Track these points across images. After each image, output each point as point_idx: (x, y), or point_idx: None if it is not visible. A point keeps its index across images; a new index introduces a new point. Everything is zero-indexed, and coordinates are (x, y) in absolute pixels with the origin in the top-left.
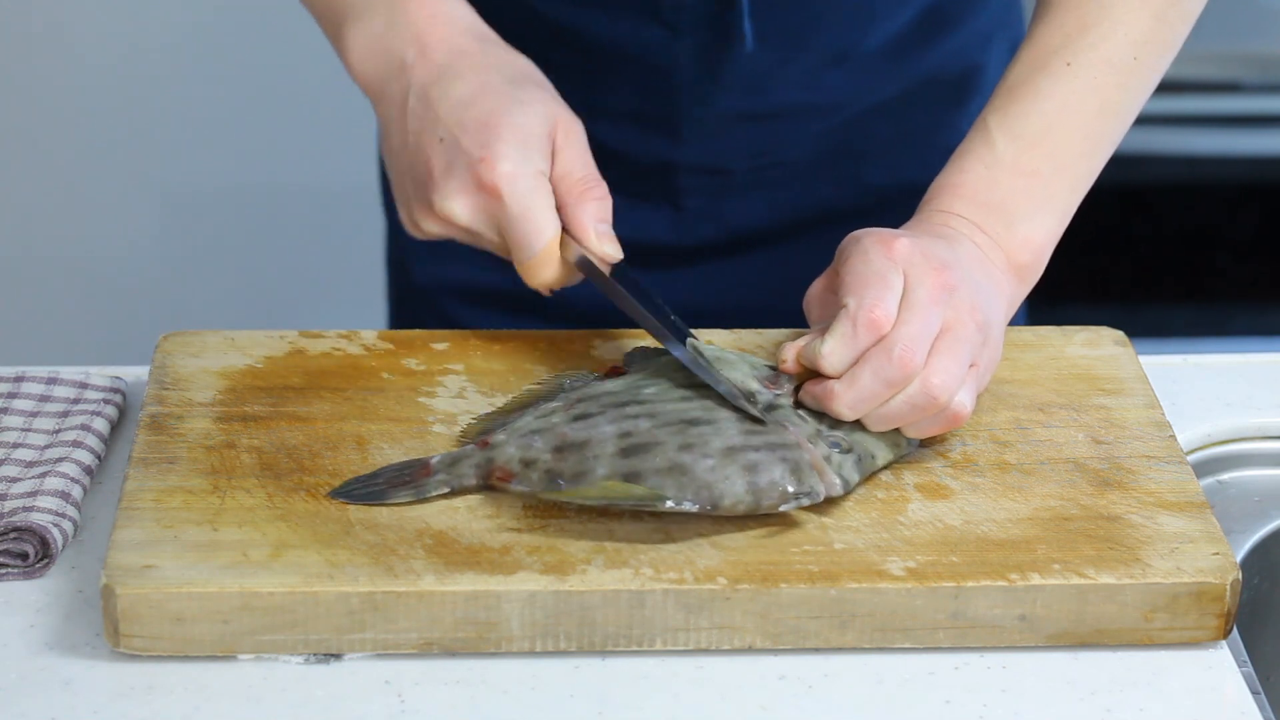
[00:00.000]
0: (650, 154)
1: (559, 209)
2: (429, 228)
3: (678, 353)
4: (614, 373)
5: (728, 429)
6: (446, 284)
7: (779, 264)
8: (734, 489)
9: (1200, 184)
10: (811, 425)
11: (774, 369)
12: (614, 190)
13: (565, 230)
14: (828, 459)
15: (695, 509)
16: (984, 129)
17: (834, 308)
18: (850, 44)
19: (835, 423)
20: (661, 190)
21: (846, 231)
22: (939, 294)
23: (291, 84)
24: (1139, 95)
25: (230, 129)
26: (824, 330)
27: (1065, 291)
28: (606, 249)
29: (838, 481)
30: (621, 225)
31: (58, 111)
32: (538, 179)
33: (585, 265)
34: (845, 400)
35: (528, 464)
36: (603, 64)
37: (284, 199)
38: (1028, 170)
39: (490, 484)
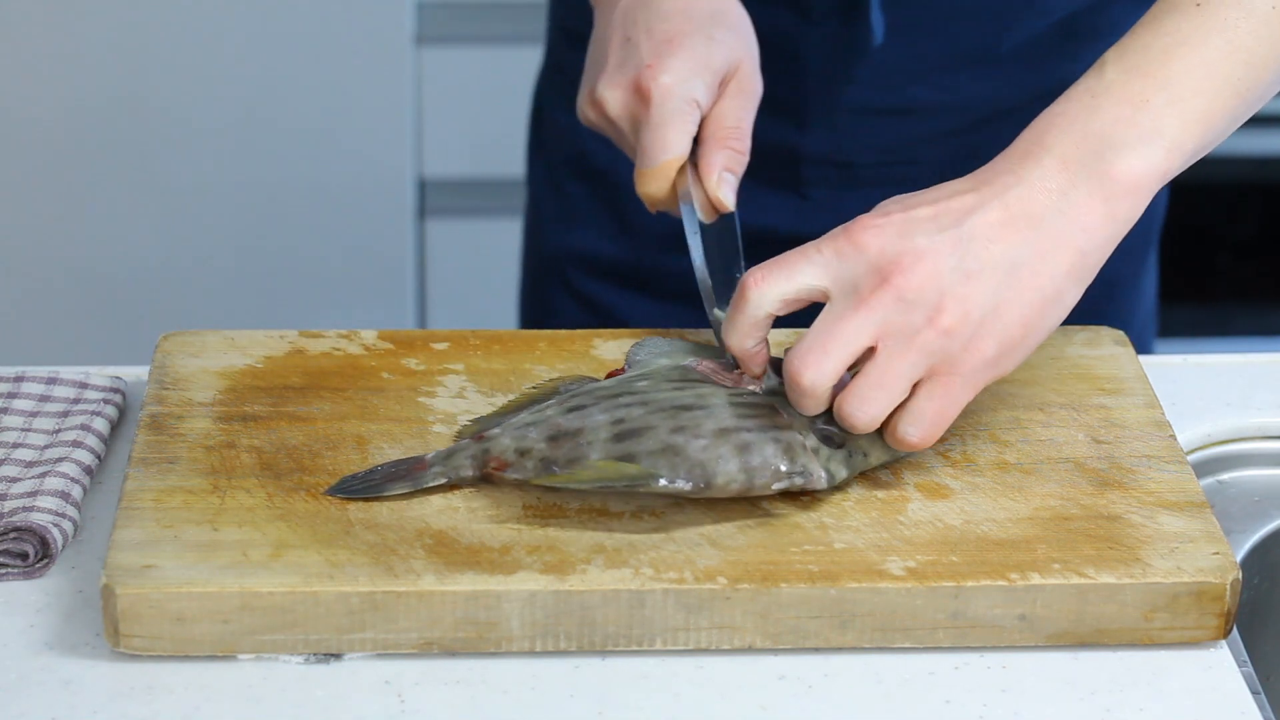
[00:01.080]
0: (777, 140)
1: (698, 146)
2: (585, 110)
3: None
4: (614, 375)
5: (720, 413)
6: (572, 252)
7: None
8: (727, 468)
9: (1200, 184)
10: (806, 416)
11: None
12: (744, 174)
13: (695, 166)
14: (816, 451)
15: (688, 487)
16: (1099, 63)
17: None
18: (985, 45)
19: (831, 416)
20: (787, 178)
21: None
22: (873, 300)
23: (294, 83)
24: (1276, 49)
25: (232, 128)
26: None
27: None
28: (722, 193)
29: (823, 474)
30: (746, 210)
31: (57, 111)
32: (688, 104)
33: (686, 204)
34: (790, 395)
35: (523, 453)
36: None
37: (284, 198)
38: (1136, 99)
39: (486, 474)
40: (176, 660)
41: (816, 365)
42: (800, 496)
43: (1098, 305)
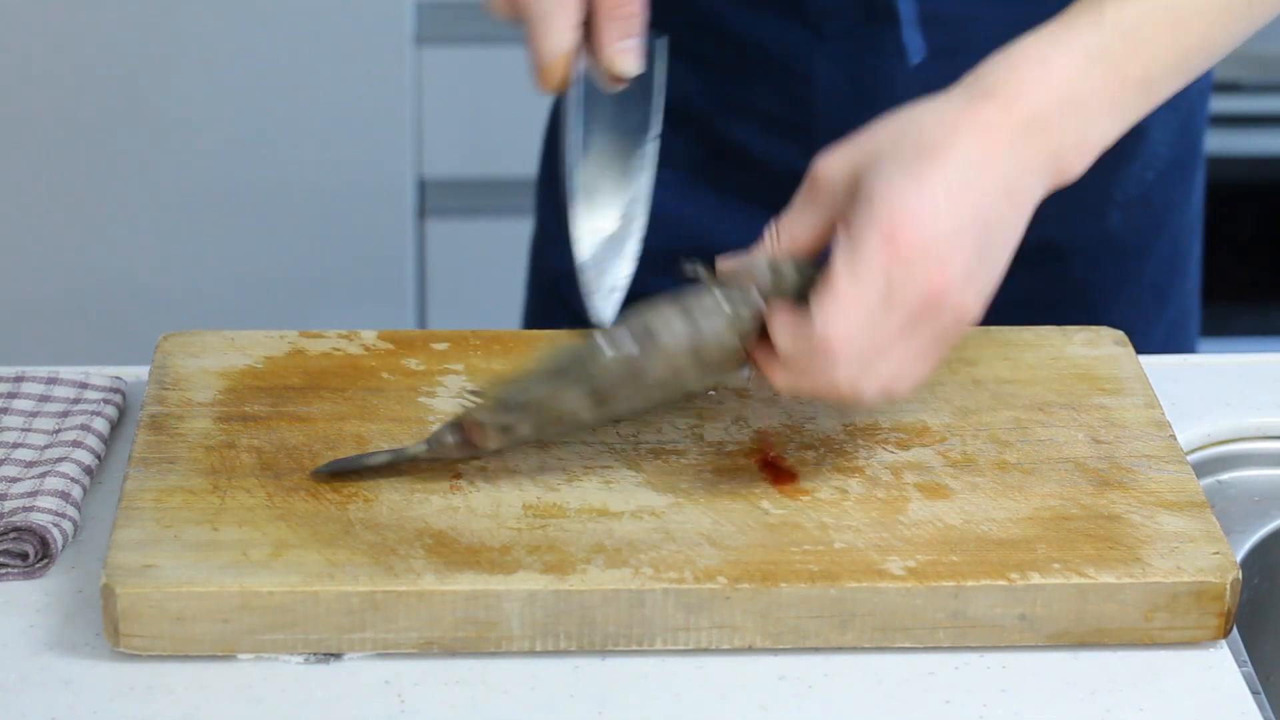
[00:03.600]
0: (785, 163)
1: (591, 19)
2: (486, 6)
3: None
4: None
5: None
6: (571, 273)
7: None
8: (672, 325)
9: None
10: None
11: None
12: (748, 198)
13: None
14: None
15: (636, 350)
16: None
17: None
18: None
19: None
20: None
21: None
22: (921, 324)
23: (294, 83)
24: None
25: (232, 128)
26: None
27: None
28: (620, 65)
29: (764, 269)
30: (747, 231)
31: (57, 111)
32: None
33: (587, 84)
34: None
35: (504, 427)
36: (749, 63)
37: (284, 198)
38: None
39: (465, 438)
40: (176, 660)
41: (871, 382)
42: (800, 496)
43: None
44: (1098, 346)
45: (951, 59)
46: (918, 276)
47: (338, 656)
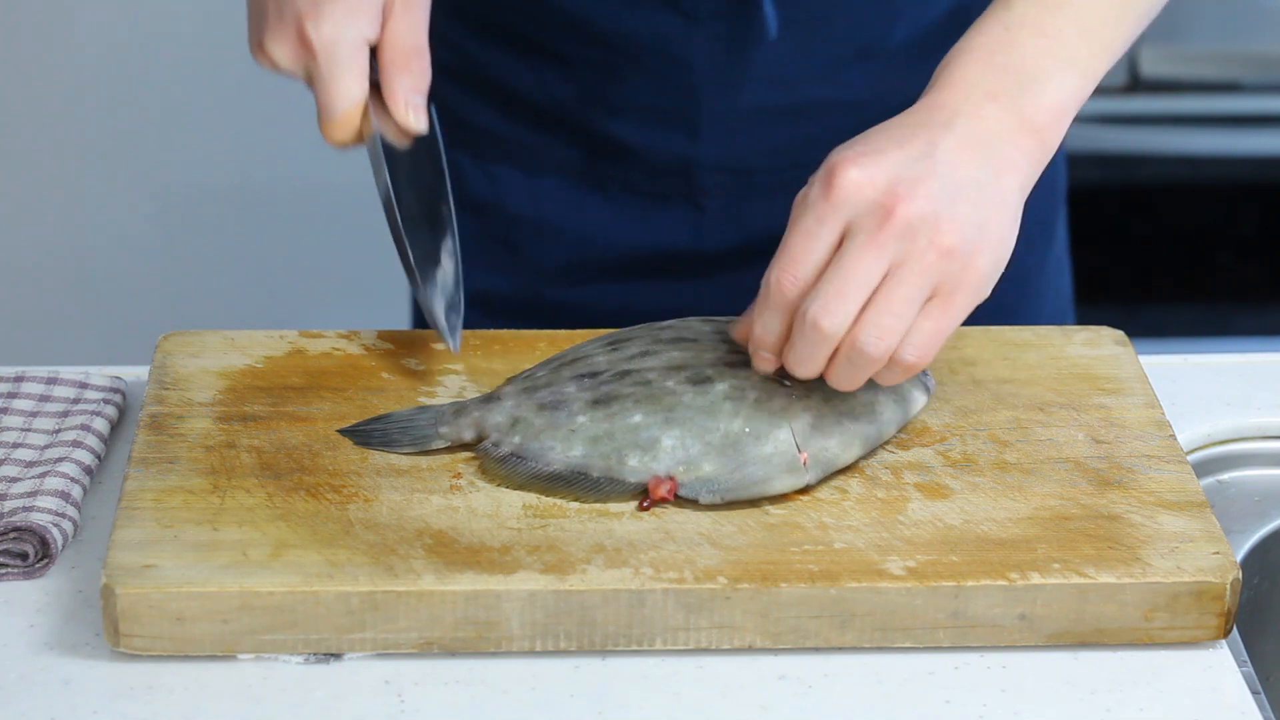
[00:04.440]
0: (669, 151)
1: (381, 73)
2: (261, 60)
3: (415, 287)
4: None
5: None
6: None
7: None
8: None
9: (1200, 184)
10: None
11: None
12: (634, 192)
13: (378, 91)
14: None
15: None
16: None
17: None
18: (873, 39)
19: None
20: (681, 190)
21: None
22: (883, 235)
23: (295, 82)
24: None
25: (230, 127)
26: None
27: None
28: (413, 120)
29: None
30: (641, 229)
31: (57, 110)
32: (355, 46)
33: (383, 144)
34: (789, 366)
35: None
36: (620, 57)
37: (285, 198)
38: (1050, 32)
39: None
40: (176, 660)
41: (840, 310)
42: (800, 496)
43: (1007, 301)
44: (1098, 346)
45: (814, 28)
46: (853, 192)
47: (338, 656)
